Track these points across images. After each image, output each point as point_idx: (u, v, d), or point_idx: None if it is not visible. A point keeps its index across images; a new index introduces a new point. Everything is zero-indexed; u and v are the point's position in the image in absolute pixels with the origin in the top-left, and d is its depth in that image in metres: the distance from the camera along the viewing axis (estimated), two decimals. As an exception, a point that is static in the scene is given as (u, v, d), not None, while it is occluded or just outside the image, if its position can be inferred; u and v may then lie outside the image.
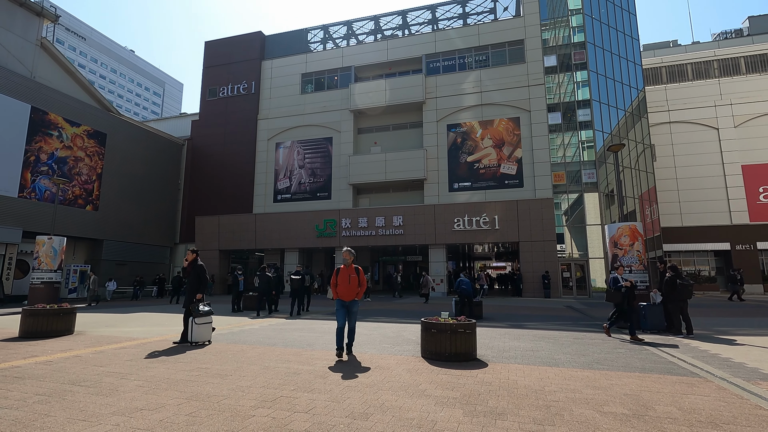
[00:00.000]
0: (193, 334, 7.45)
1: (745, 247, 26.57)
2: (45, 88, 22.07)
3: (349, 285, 6.51)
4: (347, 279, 6.52)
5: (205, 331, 7.56)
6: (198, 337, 7.47)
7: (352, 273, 6.57)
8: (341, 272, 6.60)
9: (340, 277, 6.56)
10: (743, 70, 28.91)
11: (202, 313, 7.53)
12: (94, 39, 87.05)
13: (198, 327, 7.46)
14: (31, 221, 20.80)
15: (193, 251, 8.13)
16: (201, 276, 7.85)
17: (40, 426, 3.42)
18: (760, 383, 4.95)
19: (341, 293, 6.52)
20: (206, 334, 7.60)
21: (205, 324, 7.55)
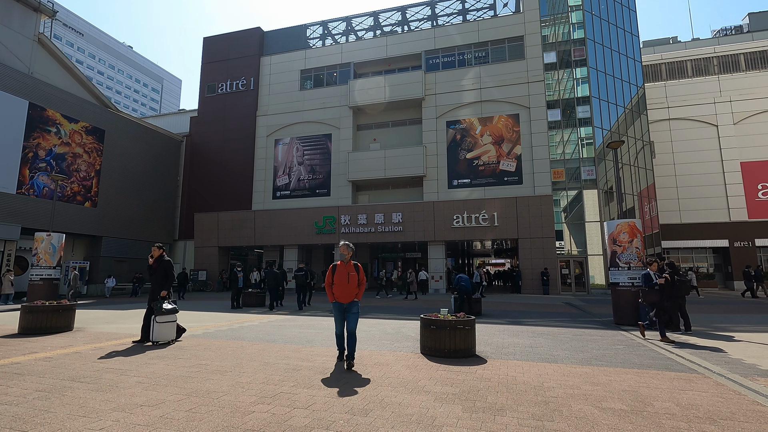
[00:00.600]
0: (154, 333, 7.09)
1: (744, 244, 26.63)
2: (43, 84, 21.97)
3: (348, 285, 5.59)
4: (346, 277, 5.61)
5: (168, 330, 7.22)
6: (160, 336, 7.11)
7: (351, 270, 5.65)
8: (339, 270, 5.67)
9: (338, 276, 5.64)
10: (743, 67, 28.87)
11: (165, 311, 7.15)
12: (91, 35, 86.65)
13: (160, 326, 7.11)
14: (29, 218, 20.75)
15: (159, 247, 7.76)
16: (168, 272, 7.55)
17: (41, 422, 3.43)
18: (758, 379, 4.98)
19: (339, 294, 5.62)
20: (169, 333, 7.26)
21: (168, 323, 7.21)
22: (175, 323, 7.41)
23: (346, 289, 5.61)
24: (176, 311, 7.39)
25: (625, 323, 10.02)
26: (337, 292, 5.64)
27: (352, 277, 5.66)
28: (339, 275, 5.66)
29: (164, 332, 7.18)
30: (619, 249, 10.46)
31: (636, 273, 10.19)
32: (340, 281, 5.62)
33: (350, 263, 5.75)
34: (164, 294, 7.39)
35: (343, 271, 5.68)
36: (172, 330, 7.34)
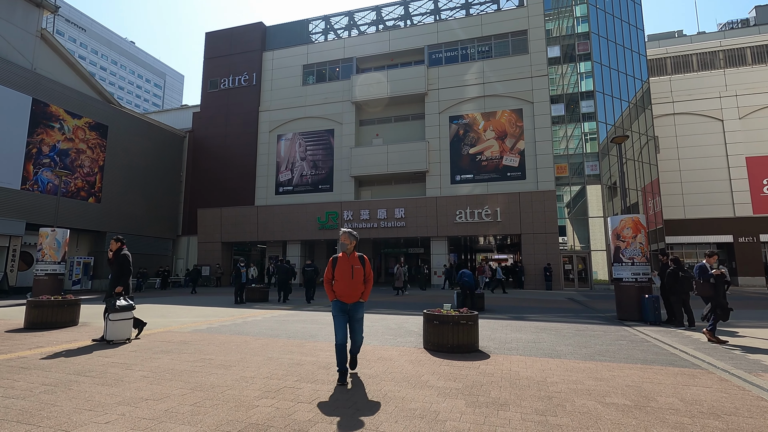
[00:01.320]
0: (108, 332, 6.64)
1: (748, 239, 26.50)
2: (46, 79, 22.00)
3: (352, 281, 4.61)
4: (349, 272, 4.63)
5: (122, 329, 6.76)
6: (114, 334, 6.65)
7: (355, 264, 4.68)
8: (340, 263, 4.70)
9: (339, 270, 4.66)
10: (749, 61, 28.58)
11: (119, 308, 6.66)
12: (94, 30, 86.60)
13: (113, 324, 6.63)
14: (34, 213, 20.86)
15: (117, 239, 7.30)
16: (124, 267, 7.10)
17: (47, 415, 3.46)
18: (761, 375, 4.96)
19: (341, 292, 4.61)
20: (124, 332, 6.80)
21: (122, 320, 6.74)
22: (131, 321, 6.93)
23: (350, 287, 4.62)
24: (132, 308, 6.90)
25: (629, 319, 10.00)
26: (338, 290, 4.63)
27: (357, 272, 4.63)
28: (341, 269, 4.65)
29: (119, 330, 6.71)
30: (622, 244, 10.42)
31: (640, 269, 10.16)
32: (342, 276, 4.62)
33: (354, 255, 4.76)
34: (119, 290, 6.95)
35: (346, 264, 4.66)
36: (128, 328, 6.86)
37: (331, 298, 4.70)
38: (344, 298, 4.62)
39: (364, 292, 4.70)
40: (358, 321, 4.68)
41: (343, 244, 4.79)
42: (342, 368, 4.54)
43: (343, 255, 4.78)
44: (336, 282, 4.67)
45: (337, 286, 4.66)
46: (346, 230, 4.79)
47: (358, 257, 4.77)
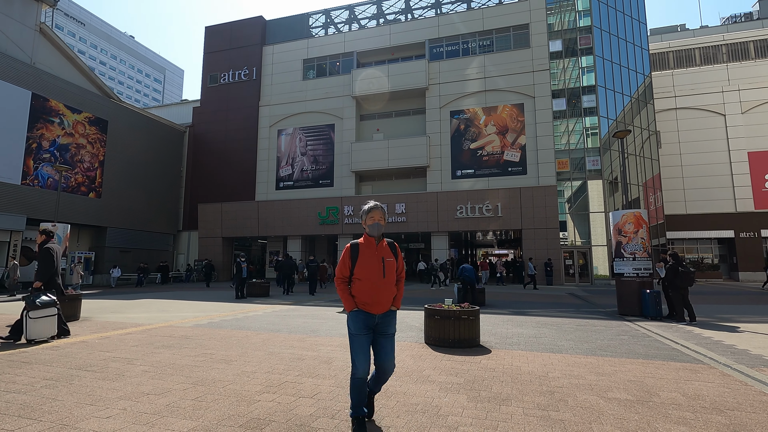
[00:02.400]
0: (28, 330, 6.14)
1: (749, 234, 26.46)
2: (45, 74, 21.90)
3: (384, 281, 3.11)
4: (378, 267, 3.11)
5: (44, 326, 6.29)
6: (35, 333, 6.18)
7: (386, 255, 3.18)
8: (364, 254, 3.14)
9: (364, 264, 3.11)
10: (752, 55, 28.40)
11: (41, 305, 6.20)
12: (93, 24, 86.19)
13: (34, 322, 6.15)
14: (34, 208, 20.86)
15: (42, 232, 6.85)
16: (44, 260, 6.60)
17: (48, 410, 3.46)
18: (764, 370, 4.96)
19: (366, 297, 3.09)
20: (47, 330, 6.33)
21: (44, 318, 6.26)
22: (54, 318, 6.44)
23: (380, 290, 3.08)
24: (54, 304, 6.44)
25: (630, 314, 10.00)
26: (362, 294, 3.09)
27: (390, 267, 3.15)
28: (366, 264, 3.10)
29: (41, 329, 6.26)
30: (624, 239, 10.40)
31: (641, 264, 10.14)
32: (368, 274, 3.08)
33: (384, 243, 3.24)
34: (37, 285, 6.52)
35: (374, 255, 3.13)
36: (51, 326, 6.41)
37: (350, 307, 3.10)
38: (370, 307, 3.06)
39: (397, 296, 3.21)
40: (389, 338, 3.14)
41: (377, 225, 3.16)
42: (358, 412, 3.06)
43: (367, 241, 3.18)
44: (358, 283, 3.09)
45: (359, 289, 3.08)
46: (375, 204, 3.21)
47: (388, 245, 3.24)
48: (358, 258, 3.13)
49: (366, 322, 3.08)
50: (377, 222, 3.19)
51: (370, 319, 3.09)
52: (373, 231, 3.19)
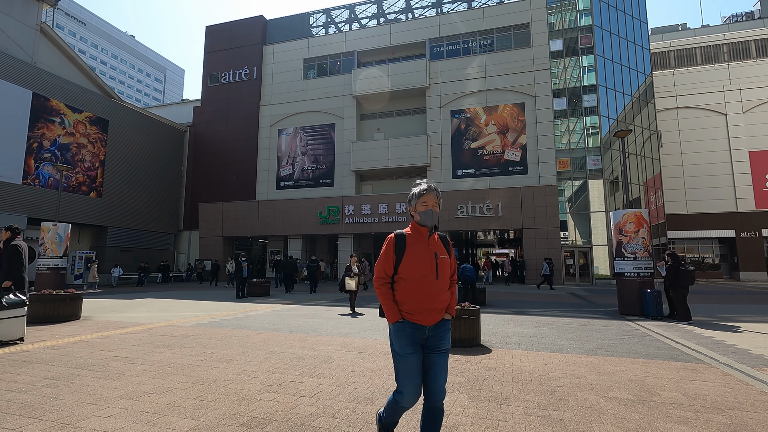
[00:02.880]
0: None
1: (750, 234, 26.43)
2: (46, 73, 21.91)
3: (437, 282, 2.46)
4: (431, 265, 2.46)
5: (12, 327, 6.12)
6: (2, 334, 6.03)
7: (440, 251, 2.53)
8: (413, 248, 2.48)
9: (413, 261, 2.45)
10: (753, 55, 28.35)
11: (8, 305, 6.03)
12: (94, 24, 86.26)
13: (1, 322, 5.99)
14: (35, 208, 20.88)
15: (7, 228, 6.66)
16: (12, 260, 6.42)
17: (49, 409, 3.46)
18: (765, 369, 4.95)
19: (416, 305, 2.43)
20: (14, 331, 6.16)
21: (12, 318, 6.09)
22: (23, 318, 6.25)
23: (434, 294, 2.44)
24: (23, 304, 6.24)
25: (630, 313, 9.99)
26: (410, 301, 2.43)
27: (444, 266, 2.49)
28: (416, 260, 2.44)
29: (7, 330, 6.09)
30: (625, 239, 10.39)
31: (642, 263, 10.13)
32: (418, 273, 2.43)
33: (435, 236, 2.57)
34: (7, 285, 6.35)
35: (426, 251, 2.47)
36: (20, 326, 6.21)
37: (394, 317, 2.42)
38: (420, 317, 2.39)
39: (450, 303, 2.53)
40: (443, 355, 2.45)
41: (430, 212, 2.49)
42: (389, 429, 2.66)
43: (416, 232, 2.50)
44: (404, 285, 2.42)
45: (406, 292, 2.41)
46: (429, 186, 2.54)
47: (440, 239, 2.58)
48: (405, 252, 2.43)
49: (414, 337, 2.40)
50: (431, 209, 2.50)
51: (419, 333, 2.40)
52: (425, 219, 2.51)
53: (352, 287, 10.41)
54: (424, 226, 2.53)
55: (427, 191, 2.53)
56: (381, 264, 2.50)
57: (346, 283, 10.46)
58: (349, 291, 10.45)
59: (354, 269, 10.66)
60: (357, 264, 10.94)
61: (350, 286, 10.41)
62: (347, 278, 10.49)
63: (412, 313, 2.42)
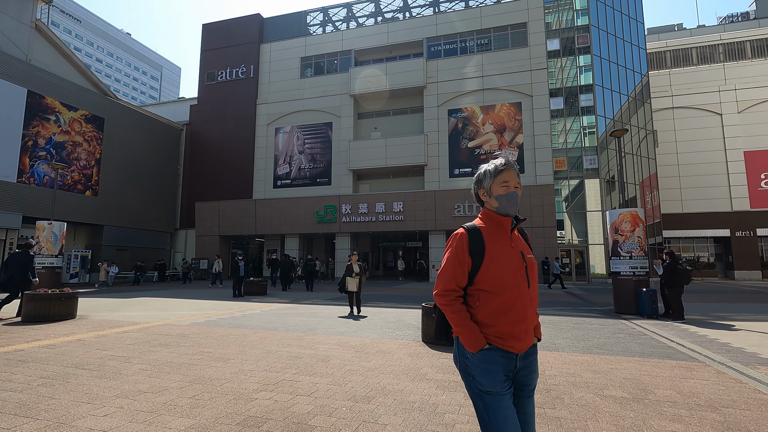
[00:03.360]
0: None
1: (745, 233, 26.59)
2: (41, 71, 21.77)
3: (530, 292, 1.81)
4: (520, 268, 1.81)
5: None
6: None
7: (525, 249, 1.92)
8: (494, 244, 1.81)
9: (496, 263, 1.77)
10: (749, 55, 28.50)
11: None
12: (89, 22, 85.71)
13: None
14: (30, 206, 20.76)
15: None
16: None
17: (45, 408, 3.45)
18: (758, 368, 4.99)
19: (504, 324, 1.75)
20: None
21: None
22: None
23: (527, 309, 1.80)
24: None
25: (626, 312, 10.04)
26: (498, 318, 1.76)
27: (532, 268, 1.89)
28: (501, 262, 1.80)
29: None
30: (621, 238, 10.44)
31: (637, 262, 10.19)
32: (507, 281, 1.78)
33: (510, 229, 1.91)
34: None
35: (511, 250, 1.85)
36: None
37: (478, 343, 1.77)
38: (513, 342, 1.78)
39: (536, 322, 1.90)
40: (530, 395, 1.89)
41: (513, 195, 1.88)
42: None
43: (493, 224, 1.89)
44: (487, 299, 1.79)
45: (490, 310, 1.79)
46: (509, 160, 1.93)
47: (521, 232, 2.03)
48: (485, 254, 1.78)
49: (506, 369, 1.76)
50: (514, 191, 1.85)
51: (509, 363, 1.76)
52: (507, 206, 1.85)
53: (353, 288, 9.85)
54: (506, 215, 1.87)
55: (506, 167, 1.88)
56: (450, 271, 1.80)
57: (347, 283, 9.88)
58: (350, 291, 9.93)
59: (355, 269, 10.04)
60: (358, 263, 10.31)
61: (351, 287, 9.85)
62: (348, 278, 9.90)
63: (504, 337, 1.75)
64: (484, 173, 1.95)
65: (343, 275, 10.07)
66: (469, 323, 1.78)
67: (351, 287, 9.83)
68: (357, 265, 10.17)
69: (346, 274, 10.00)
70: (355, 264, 10.17)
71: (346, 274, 9.98)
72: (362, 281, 10.17)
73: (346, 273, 10.03)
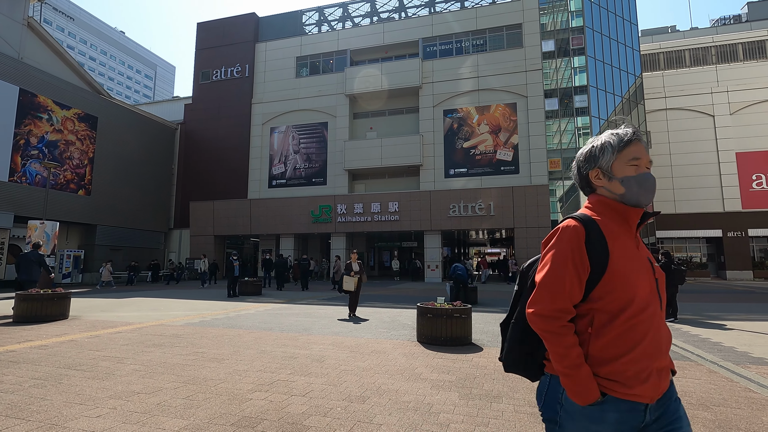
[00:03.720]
0: None
1: (737, 234, 26.85)
2: (33, 69, 21.55)
3: (662, 314, 1.29)
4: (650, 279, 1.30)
5: None
6: None
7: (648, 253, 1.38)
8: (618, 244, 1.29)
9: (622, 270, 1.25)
10: (741, 57, 28.79)
11: None
12: (82, 19, 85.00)
13: None
14: (22, 206, 20.55)
15: None
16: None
17: (37, 409, 3.42)
18: (749, 367, 5.05)
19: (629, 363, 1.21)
20: None
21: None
22: None
23: (661, 338, 1.26)
24: None
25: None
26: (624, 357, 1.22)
27: (662, 279, 1.36)
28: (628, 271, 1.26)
29: None
30: (614, 238, 10.50)
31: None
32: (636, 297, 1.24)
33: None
34: None
35: (636, 255, 1.32)
36: None
37: (591, 394, 1.21)
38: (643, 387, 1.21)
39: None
40: None
41: (645, 177, 1.36)
42: None
43: (611, 220, 1.36)
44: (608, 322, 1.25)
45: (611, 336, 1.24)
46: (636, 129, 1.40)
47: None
48: (609, 258, 1.28)
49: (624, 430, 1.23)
50: (647, 172, 1.38)
51: (631, 420, 1.23)
52: (639, 192, 1.36)
53: (351, 287, 9.24)
54: (636, 206, 1.36)
55: (635, 139, 1.39)
56: (560, 281, 1.28)
57: (345, 282, 9.28)
58: (348, 291, 9.34)
59: (354, 267, 9.44)
60: (358, 262, 9.71)
61: (349, 286, 9.23)
62: (346, 277, 9.32)
63: (623, 382, 1.22)
64: (602, 147, 1.40)
65: (342, 274, 9.44)
66: (585, 367, 1.23)
67: (348, 286, 9.27)
68: (357, 264, 9.60)
69: (344, 272, 9.47)
70: (355, 262, 9.61)
71: (345, 273, 9.46)
72: (362, 280, 9.57)
73: (344, 271, 9.51)
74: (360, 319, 9.07)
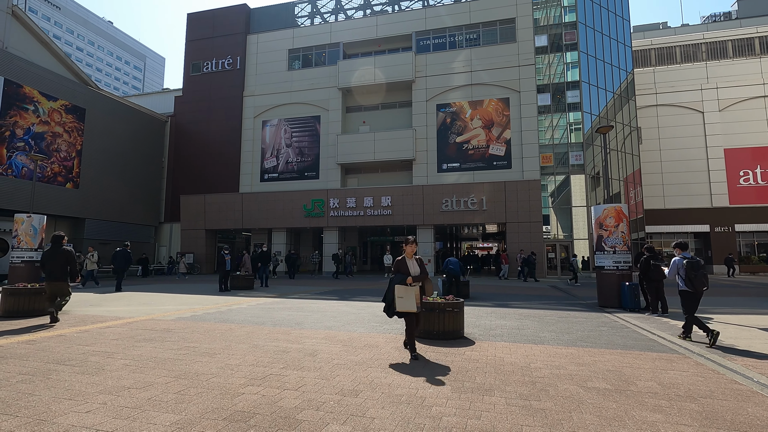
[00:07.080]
0: None
1: (724, 229, 27.30)
2: (18, 59, 21.06)
3: None
4: None
5: None
6: None
7: None
8: None
9: None
10: (730, 54, 29.10)
11: None
12: (69, 8, 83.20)
13: None
14: (8, 199, 20.17)
15: None
16: None
17: (25, 405, 3.37)
18: (735, 359, 5.15)
19: None
20: None
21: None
22: None
23: None
24: None
25: (609, 306, 10.24)
26: None
27: None
28: None
29: None
30: (605, 233, 10.61)
31: (621, 257, 10.37)
32: None
33: None
34: None
35: None
36: None
37: None
38: None
39: None
40: None
41: None
42: None
43: None
44: None
45: None
46: None
47: None
48: None
49: None
50: None
51: None
52: None
53: (411, 308, 4.93)
54: None
55: None
56: None
57: (397, 299, 4.95)
58: (405, 313, 5.04)
59: (415, 267, 5.17)
60: (416, 258, 5.28)
61: (405, 306, 4.94)
62: (401, 287, 4.98)
63: None
64: None
65: (391, 281, 5.14)
66: None
67: (406, 305, 4.95)
68: (416, 261, 5.27)
69: (395, 280, 5.09)
70: (412, 259, 5.28)
71: (396, 281, 5.07)
72: (427, 290, 5.41)
73: (394, 278, 5.12)
74: (352, 312, 9.06)
